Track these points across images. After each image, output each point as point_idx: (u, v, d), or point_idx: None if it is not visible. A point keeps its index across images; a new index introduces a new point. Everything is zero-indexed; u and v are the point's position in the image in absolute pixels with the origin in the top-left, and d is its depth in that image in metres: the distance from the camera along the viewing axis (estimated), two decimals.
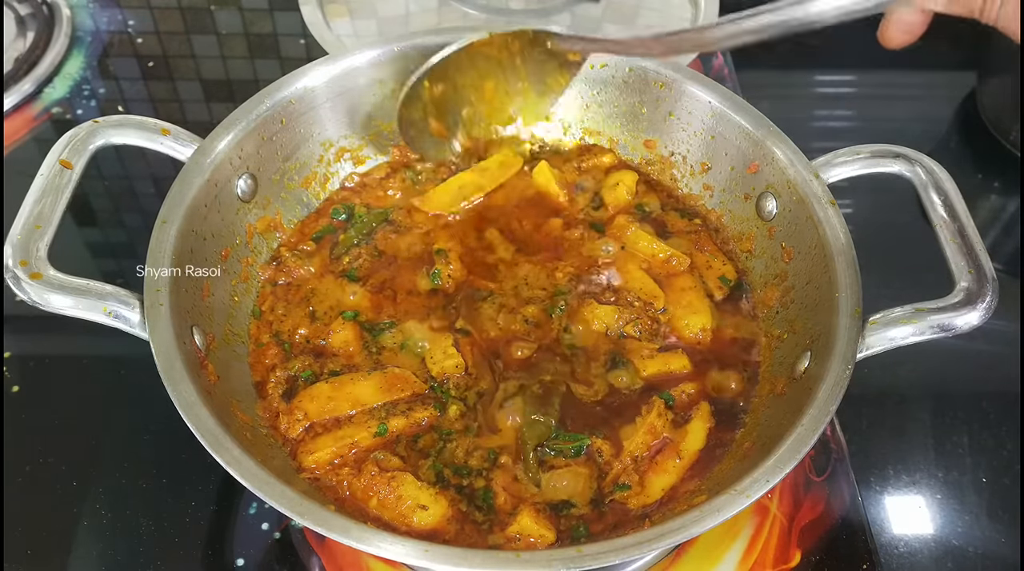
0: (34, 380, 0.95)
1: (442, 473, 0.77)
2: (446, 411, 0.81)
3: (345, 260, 0.92)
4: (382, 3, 1.38)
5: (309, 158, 0.96)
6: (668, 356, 0.85)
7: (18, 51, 1.29)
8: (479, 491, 0.76)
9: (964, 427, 0.97)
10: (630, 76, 0.97)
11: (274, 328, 0.87)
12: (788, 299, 0.85)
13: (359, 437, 0.78)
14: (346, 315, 0.87)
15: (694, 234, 0.95)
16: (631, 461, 0.78)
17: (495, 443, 0.79)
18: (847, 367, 0.71)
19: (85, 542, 0.85)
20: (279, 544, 0.85)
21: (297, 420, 0.78)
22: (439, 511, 0.74)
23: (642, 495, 0.76)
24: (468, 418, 0.81)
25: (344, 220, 0.97)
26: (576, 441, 0.79)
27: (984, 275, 0.75)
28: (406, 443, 0.79)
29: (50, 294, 0.72)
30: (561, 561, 0.61)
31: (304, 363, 0.83)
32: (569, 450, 0.78)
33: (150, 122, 0.85)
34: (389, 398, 0.81)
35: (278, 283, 0.91)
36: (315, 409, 0.79)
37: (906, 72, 1.43)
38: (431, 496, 0.74)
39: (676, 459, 0.78)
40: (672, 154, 0.98)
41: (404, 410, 0.80)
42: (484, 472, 0.77)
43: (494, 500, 0.76)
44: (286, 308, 0.88)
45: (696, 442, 0.79)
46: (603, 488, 0.77)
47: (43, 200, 0.76)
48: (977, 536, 0.90)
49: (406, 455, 0.78)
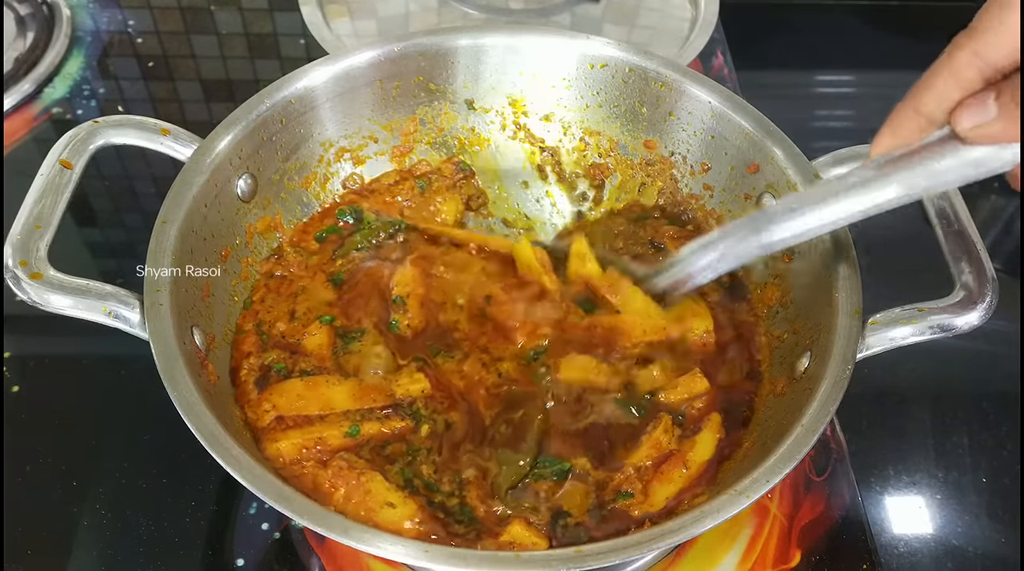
0: (34, 380, 0.95)
1: (412, 481, 0.76)
2: (419, 428, 0.80)
3: (339, 262, 0.92)
4: (382, 3, 1.38)
5: (309, 158, 0.96)
6: (689, 380, 0.83)
7: (18, 51, 1.29)
8: (454, 508, 0.75)
9: (964, 427, 0.97)
10: (630, 76, 0.97)
11: (259, 317, 0.87)
12: (788, 299, 0.85)
13: (328, 435, 0.77)
14: (323, 319, 0.87)
15: (685, 241, 0.94)
16: (633, 471, 0.77)
17: (465, 474, 0.77)
18: (847, 367, 0.71)
19: (85, 542, 0.85)
20: (279, 544, 0.85)
21: (265, 411, 0.78)
22: (407, 512, 0.72)
23: (645, 504, 0.75)
24: (436, 442, 0.80)
25: (350, 222, 0.97)
26: (555, 465, 0.77)
27: (984, 275, 0.75)
28: (372, 448, 0.78)
29: (50, 294, 0.72)
30: (560, 561, 0.61)
31: (279, 356, 0.83)
32: (550, 475, 0.77)
33: (150, 122, 0.85)
34: (361, 406, 0.80)
35: (274, 275, 0.91)
36: (284, 404, 0.78)
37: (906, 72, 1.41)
38: (400, 497, 0.73)
39: (683, 469, 0.76)
40: (672, 154, 0.98)
41: (380, 417, 0.80)
42: (455, 492, 0.76)
43: (474, 514, 0.74)
44: (275, 300, 0.88)
45: (704, 452, 0.78)
46: (603, 497, 0.76)
47: (43, 200, 0.76)
48: (977, 536, 0.90)
49: (371, 459, 0.77)
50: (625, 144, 1.01)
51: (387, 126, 1.00)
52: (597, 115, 1.01)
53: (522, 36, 0.98)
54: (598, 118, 1.01)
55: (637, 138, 1.00)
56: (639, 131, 1.00)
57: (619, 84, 0.98)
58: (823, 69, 1.44)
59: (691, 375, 0.83)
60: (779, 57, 1.45)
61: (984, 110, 0.58)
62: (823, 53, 1.45)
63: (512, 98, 1.02)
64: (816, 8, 1.51)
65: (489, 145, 1.04)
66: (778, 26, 1.49)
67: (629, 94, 0.98)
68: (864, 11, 1.49)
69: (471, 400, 0.82)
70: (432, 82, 0.99)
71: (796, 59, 1.45)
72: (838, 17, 1.49)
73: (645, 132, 0.99)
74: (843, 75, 1.43)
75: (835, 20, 1.49)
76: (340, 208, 0.97)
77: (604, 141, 1.02)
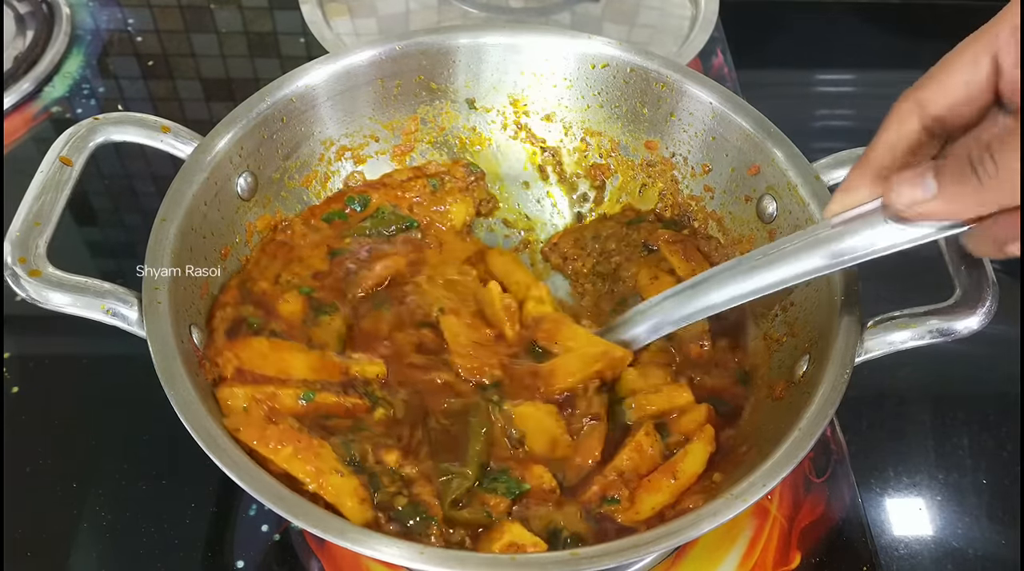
0: (34, 380, 0.95)
1: (355, 459, 0.74)
2: (374, 410, 0.79)
3: (347, 240, 0.93)
4: (382, 1, 1.38)
5: (310, 157, 0.96)
6: (671, 390, 0.82)
7: (17, 50, 1.29)
8: (405, 509, 0.71)
9: (964, 429, 0.97)
10: (631, 76, 0.96)
11: (247, 274, 0.87)
12: (787, 302, 0.85)
13: (282, 394, 0.76)
14: (302, 289, 0.87)
15: (679, 244, 0.95)
16: (616, 476, 0.75)
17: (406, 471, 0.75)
18: (845, 371, 0.71)
19: (85, 543, 0.85)
20: (279, 546, 0.85)
21: (228, 360, 0.77)
22: (353, 484, 0.70)
23: (631, 511, 0.73)
24: (388, 427, 0.78)
25: (357, 210, 0.97)
26: (508, 483, 0.74)
27: (984, 279, 0.74)
28: (313, 420, 0.76)
29: (49, 292, 0.71)
30: (556, 565, 0.61)
31: (254, 312, 0.83)
32: (503, 491, 0.73)
33: (150, 119, 0.85)
34: (317, 378, 0.79)
35: (275, 240, 0.91)
36: (246, 358, 0.78)
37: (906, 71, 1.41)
38: (348, 471, 0.71)
39: (671, 479, 0.74)
40: (673, 155, 0.98)
41: (338, 391, 0.79)
42: (402, 492, 0.73)
43: (428, 511, 0.71)
44: (268, 263, 0.89)
45: (695, 464, 0.76)
46: (588, 504, 0.74)
47: (43, 197, 0.76)
48: (977, 538, 0.90)
49: (310, 428, 0.75)
50: (626, 145, 1.01)
51: (388, 125, 1.00)
52: (598, 115, 1.01)
53: (523, 35, 0.98)
54: (599, 118, 1.01)
55: (638, 139, 1.00)
56: (640, 132, 0.99)
57: (620, 84, 0.98)
58: (823, 68, 1.43)
59: (677, 386, 0.83)
60: (779, 56, 1.45)
61: (923, 186, 0.57)
62: (823, 52, 1.44)
63: (513, 98, 1.01)
64: (816, 7, 1.50)
65: (490, 145, 1.04)
66: (778, 25, 1.49)
67: (630, 94, 0.98)
68: (865, 10, 1.48)
69: (423, 394, 0.81)
70: (433, 81, 0.99)
71: (796, 58, 1.45)
72: (838, 16, 1.48)
73: (646, 133, 0.99)
74: (843, 74, 1.43)
75: (835, 19, 1.48)
76: (349, 195, 0.98)
77: (605, 141, 1.02)
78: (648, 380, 0.83)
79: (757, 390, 0.84)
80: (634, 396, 0.82)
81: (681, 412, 0.81)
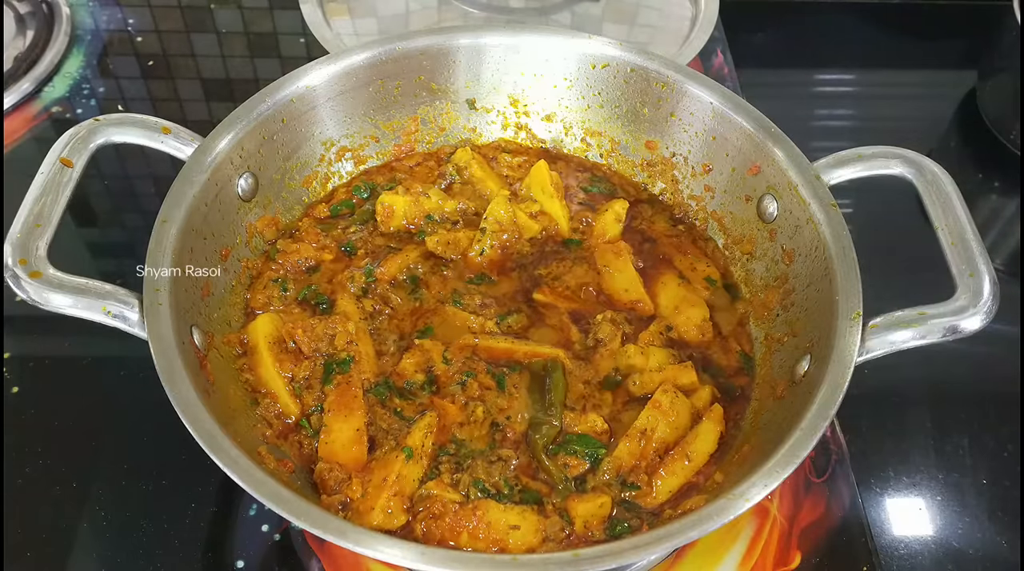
0: (34, 381, 0.95)
1: (483, 486, 0.76)
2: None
3: (352, 229, 0.94)
4: (382, 2, 1.37)
5: (310, 157, 0.96)
6: (675, 369, 0.83)
7: (18, 50, 1.29)
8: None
9: (964, 429, 0.97)
10: (632, 76, 0.96)
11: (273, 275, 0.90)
12: (789, 301, 0.85)
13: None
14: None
15: (675, 238, 0.95)
16: (639, 435, 0.77)
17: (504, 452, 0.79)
18: (846, 371, 0.71)
19: (85, 543, 0.85)
20: (279, 546, 0.85)
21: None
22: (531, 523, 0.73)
23: (650, 496, 0.76)
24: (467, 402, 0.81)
25: (364, 199, 0.98)
26: (591, 445, 0.79)
27: (985, 279, 0.74)
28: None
29: (50, 293, 0.72)
30: (557, 565, 0.61)
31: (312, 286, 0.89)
32: (583, 454, 0.78)
33: (151, 120, 0.85)
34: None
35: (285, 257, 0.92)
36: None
37: (906, 71, 1.42)
38: (518, 515, 0.73)
39: (685, 461, 0.77)
40: (674, 155, 0.98)
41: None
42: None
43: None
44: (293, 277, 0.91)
45: (707, 444, 0.78)
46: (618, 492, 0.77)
47: (43, 198, 0.76)
48: (977, 538, 0.89)
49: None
50: (626, 145, 1.01)
51: (388, 125, 1.00)
52: (599, 115, 1.01)
53: (523, 36, 0.98)
54: (599, 118, 1.01)
55: (638, 139, 1.00)
56: (640, 132, 0.99)
57: (620, 84, 0.98)
58: (823, 68, 1.43)
59: (680, 366, 0.84)
60: (779, 56, 1.45)
61: None
62: (823, 52, 1.44)
63: (513, 98, 1.01)
64: (816, 7, 1.50)
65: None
66: (778, 25, 1.49)
67: (630, 94, 0.98)
68: (865, 10, 1.48)
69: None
70: (433, 81, 0.99)
71: (796, 58, 1.45)
72: (838, 16, 1.48)
73: (646, 133, 0.99)
74: (843, 74, 1.43)
75: (835, 19, 1.48)
76: (356, 184, 0.99)
77: (606, 141, 1.02)
78: (650, 360, 0.84)
79: (759, 390, 0.84)
80: (639, 374, 0.83)
81: (686, 392, 0.82)
